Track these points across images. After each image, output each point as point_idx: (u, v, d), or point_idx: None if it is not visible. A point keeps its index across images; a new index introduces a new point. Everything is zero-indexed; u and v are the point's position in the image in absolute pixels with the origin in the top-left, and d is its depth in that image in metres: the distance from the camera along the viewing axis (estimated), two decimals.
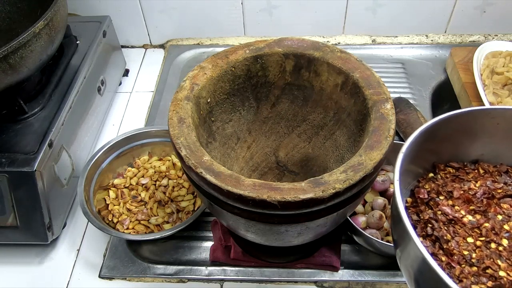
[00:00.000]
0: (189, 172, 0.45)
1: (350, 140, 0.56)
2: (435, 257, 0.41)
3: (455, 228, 0.42)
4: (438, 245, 0.42)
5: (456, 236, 0.42)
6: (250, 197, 0.40)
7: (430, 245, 0.42)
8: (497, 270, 0.39)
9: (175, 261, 0.64)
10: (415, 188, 0.48)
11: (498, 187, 0.46)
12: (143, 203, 0.68)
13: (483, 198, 0.45)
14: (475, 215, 0.44)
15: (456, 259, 0.40)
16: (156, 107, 0.86)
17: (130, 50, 1.00)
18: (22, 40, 0.57)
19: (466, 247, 0.41)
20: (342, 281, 0.60)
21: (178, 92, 0.51)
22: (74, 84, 0.72)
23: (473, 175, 0.48)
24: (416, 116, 0.74)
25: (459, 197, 0.45)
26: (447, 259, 0.40)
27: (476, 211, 0.44)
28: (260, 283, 0.61)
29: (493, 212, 0.44)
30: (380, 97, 0.49)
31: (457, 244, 0.41)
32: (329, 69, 0.55)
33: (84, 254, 0.66)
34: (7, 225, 0.61)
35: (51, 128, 0.65)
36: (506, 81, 0.71)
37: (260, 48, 0.56)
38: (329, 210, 0.44)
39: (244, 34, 0.99)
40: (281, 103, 0.61)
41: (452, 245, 0.41)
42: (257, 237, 0.50)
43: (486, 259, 0.39)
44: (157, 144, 0.73)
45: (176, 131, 0.47)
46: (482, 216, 0.43)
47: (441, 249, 0.41)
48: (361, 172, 0.42)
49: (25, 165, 0.60)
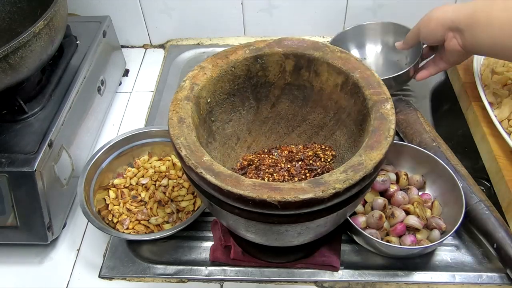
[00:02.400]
0: (189, 172, 0.45)
1: (350, 140, 0.56)
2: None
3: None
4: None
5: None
6: (250, 197, 0.40)
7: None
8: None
9: (175, 261, 0.64)
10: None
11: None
12: (143, 203, 0.68)
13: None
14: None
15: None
16: (156, 107, 0.86)
17: (130, 50, 1.00)
18: (22, 40, 0.57)
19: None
20: (342, 281, 0.60)
21: (178, 92, 0.51)
22: (74, 84, 0.72)
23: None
24: (416, 116, 0.74)
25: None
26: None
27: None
28: (260, 283, 0.61)
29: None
30: (380, 97, 0.49)
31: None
32: (329, 69, 0.55)
33: (84, 254, 0.66)
34: (7, 225, 0.61)
35: (51, 128, 0.65)
36: (506, 81, 0.71)
37: (260, 48, 0.56)
38: (329, 210, 0.44)
39: (244, 34, 0.99)
40: (281, 103, 0.61)
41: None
42: (257, 237, 0.50)
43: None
44: (157, 144, 0.73)
45: (176, 131, 0.47)
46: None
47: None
48: (361, 172, 0.42)
49: (25, 165, 0.60)
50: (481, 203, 0.61)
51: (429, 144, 0.69)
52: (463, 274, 0.60)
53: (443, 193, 0.64)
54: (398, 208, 0.62)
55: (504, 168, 0.64)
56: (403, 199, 0.63)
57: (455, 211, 0.60)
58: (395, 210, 0.61)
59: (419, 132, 0.71)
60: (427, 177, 0.67)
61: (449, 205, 0.63)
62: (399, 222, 0.60)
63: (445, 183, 0.63)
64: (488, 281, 0.59)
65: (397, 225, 0.60)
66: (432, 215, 0.62)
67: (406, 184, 0.66)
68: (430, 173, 0.66)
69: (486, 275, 0.60)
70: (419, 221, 0.60)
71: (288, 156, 0.60)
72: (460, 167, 0.66)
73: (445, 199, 0.64)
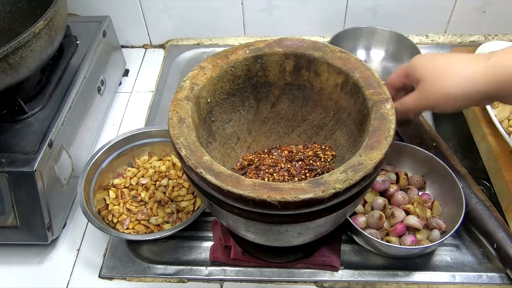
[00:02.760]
0: (189, 172, 0.45)
1: (350, 140, 0.56)
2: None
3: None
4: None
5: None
6: (250, 197, 0.40)
7: None
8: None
9: (175, 261, 0.64)
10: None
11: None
12: (143, 203, 0.68)
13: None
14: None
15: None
16: (156, 107, 0.86)
17: (130, 50, 1.00)
18: (22, 40, 0.57)
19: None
20: (342, 281, 0.60)
21: (178, 92, 0.51)
22: (74, 84, 0.72)
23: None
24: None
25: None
26: None
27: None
28: (260, 283, 0.61)
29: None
30: (380, 97, 0.49)
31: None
32: (329, 69, 0.55)
33: (84, 254, 0.66)
34: (7, 225, 0.61)
35: (51, 128, 0.65)
36: None
37: (260, 48, 0.56)
38: (329, 210, 0.44)
39: (244, 34, 0.99)
40: (281, 103, 0.61)
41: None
42: (257, 237, 0.50)
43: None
44: (157, 144, 0.73)
45: (176, 131, 0.47)
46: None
47: None
48: (361, 172, 0.42)
49: (25, 165, 0.60)
50: (481, 203, 0.61)
51: (429, 144, 0.69)
52: (463, 274, 0.60)
53: (443, 193, 0.64)
54: (398, 208, 0.62)
55: (504, 168, 0.64)
56: (403, 199, 0.63)
57: (455, 211, 0.60)
58: (395, 210, 0.61)
59: (419, 132, 0.72)
60: (427, 177, 0.67)
61: (449, 205, 0.63)
62: (399, 222, 0.60)
63: (445, 183, 0.63)
64: (488, 281, 0.59)
65: (397, 225, 0.60)
66: (432, 215, 0.62)
67: (406, 184, 0.66)
68: (430, 173, 0.66)
69: (486, 275, 0.60)
70: (419, 221, 0.60)
71: (288, 156, 0.60)
72: (460, 167, 0.66)
73: (445, 199, 0.64)
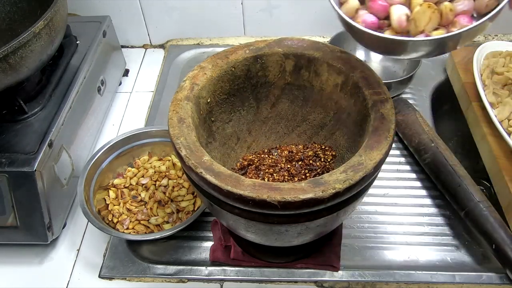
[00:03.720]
0: (189, 172, 0.45)
1: (350, 140, 0.56)
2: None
3: None
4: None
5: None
6: (250, 197, 0.41)
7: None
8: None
9: (175, 261, 0.64)
10: None
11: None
12: (143, 203, 0.68)
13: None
14: None
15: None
16: (156, 107, 0.86)
17: (130, 50, 1.00)
18: (22, 40, 0.57)
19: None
20: (342, 281, 0.60)
21: (178, 92, 0.51)
22: (74, 84, 0.72)
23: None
24: (415, 117, 0.74)
25: None
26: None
27: None
28: (260, 283, 0.61)
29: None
30: (380, 97, 0.49)
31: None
32: (329, 69, 0.55)
33: (84, 254, 0.66)
34: (7, 225, 0.61)
35: (51, 128, 0.65)
36: (506, 81, 0.71)
37: (260, 48, 0.56)
38: (329, 210, 0.44)
39: (244, 34, 0.99)
40: (281, 103, 0.61)
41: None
42: (257, 237, 0.50)
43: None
44: (157, 144, 0.73)
45: (176, 131, 0.47)
46: None
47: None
48: (361, 172, 0.42)
49: (25, 165, 0.60)
50: (480, 203, 0.61)
51: (427, 144, 0.69)
52: (463, 274, 0.60)
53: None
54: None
55: (504, 168, 0.64)
56: None
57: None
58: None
59: (418, 132, 0.71)
60: None
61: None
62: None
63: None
64: (488, 281, 0.59)
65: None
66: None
67: None
68: None
69: (486, 275, 0.60)
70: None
71: (288, 156, 0.60)
72: (459, 167, 0.66)
73: None
